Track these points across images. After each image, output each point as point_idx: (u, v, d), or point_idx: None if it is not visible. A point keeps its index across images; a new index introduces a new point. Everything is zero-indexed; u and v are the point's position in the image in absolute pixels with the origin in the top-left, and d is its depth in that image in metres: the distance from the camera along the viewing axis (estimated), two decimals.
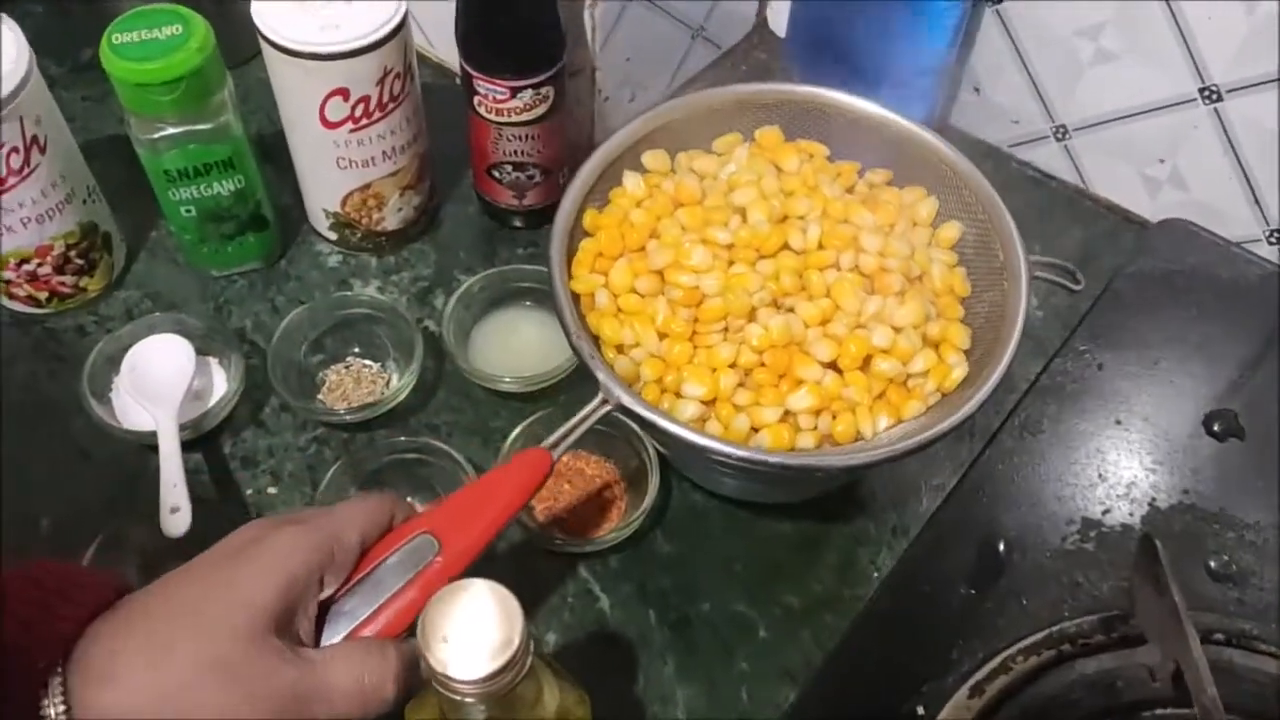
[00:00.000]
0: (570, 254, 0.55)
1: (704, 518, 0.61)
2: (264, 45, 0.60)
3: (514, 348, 0.66)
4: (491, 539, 0.47)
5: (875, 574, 0.58)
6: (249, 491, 0.62)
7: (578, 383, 0.63)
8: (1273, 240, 0.68)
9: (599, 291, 0.54)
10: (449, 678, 0.36)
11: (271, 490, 0.62)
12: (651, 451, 0.59)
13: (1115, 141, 0.71)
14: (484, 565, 0.52)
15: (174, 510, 0.54)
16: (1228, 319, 0.63)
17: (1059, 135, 0.73)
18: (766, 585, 0.58)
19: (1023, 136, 0.76)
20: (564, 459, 0.61)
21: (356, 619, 0.45)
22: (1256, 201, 0.67)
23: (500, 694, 0.37)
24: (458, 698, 0.37)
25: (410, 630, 0.44)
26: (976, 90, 0.76)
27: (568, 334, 0.52)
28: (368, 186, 0.66)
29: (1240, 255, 0.67)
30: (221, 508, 0.59)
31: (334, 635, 0.45)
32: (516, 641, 0.37)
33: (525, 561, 0.59)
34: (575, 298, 0.54)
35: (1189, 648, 0.43)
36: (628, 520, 0.58)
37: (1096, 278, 0.68)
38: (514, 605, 0.37)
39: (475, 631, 0.37)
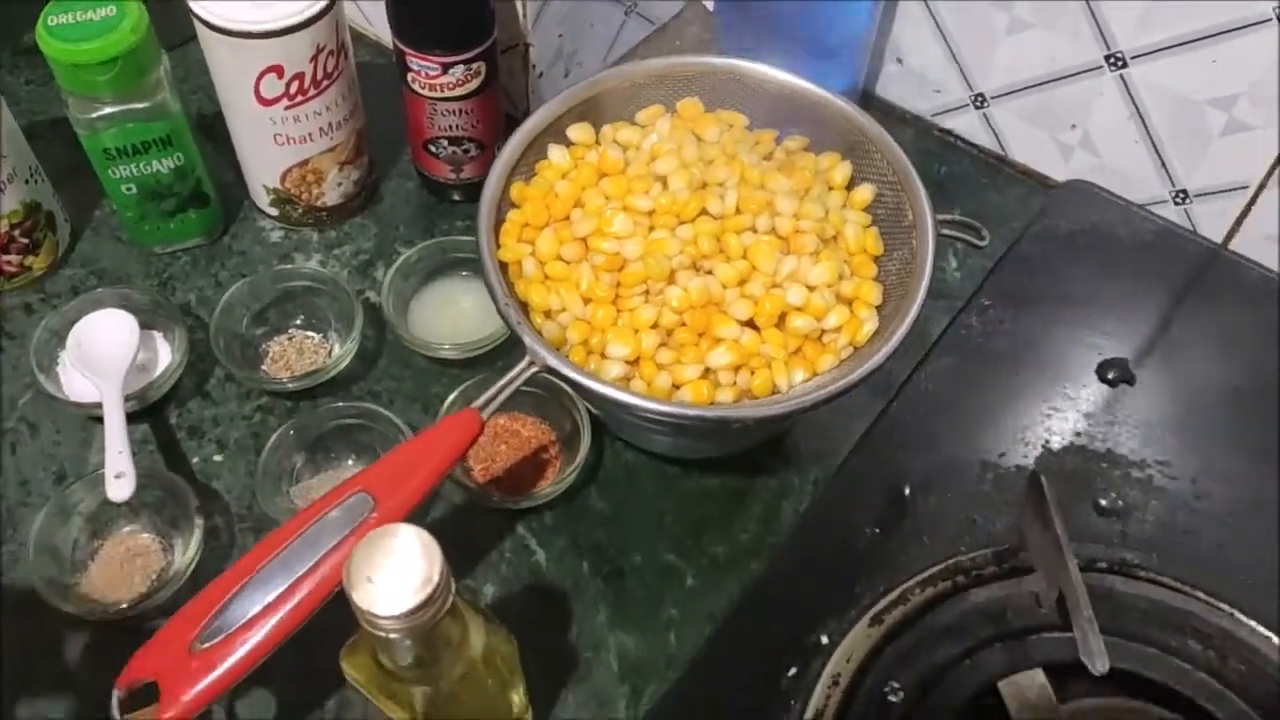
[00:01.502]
0: (498, 225, 0.57)
1: (635, 475, 0.63)
2: (198, 25, 0.62)
3: (451, 316, 0.68)
4: (425, 495, 0.50)
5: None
6: (195, 460, 0.64)
7: (513, 349, 0.65)
8: (1178, 200, 0.71)
9: (526, 260, 0.56)
10: (375, 615, 0.39)
11: (217, 458, 0.64)
12: (584, 413, 0.62)
13: (1030, 109, 0.74)
14: (425, 522, 0.55)
15: (118, 476, 0.56)
16: (1124, 274, 0.66)
17: (978, 103, 0.76)
18: (694, 537, 0.61)
19: (944, 105, 0.78)
20: (500, 422, 0.64)
21: (294, 574, 0.48)
22: (1163, 165, 0.70)
23: (424, 629, 0.40)
24: (384, 634, 0.40)
25: None
26: (899, 61, 0.78)
27: (495, 301, 0.54)
28: (306, 162, 0.68)
29: (1138, 214, 0.70)
30: (169, 476, 0.61)
31: (271, 591, 0.47)
32: (436, 579, 0.39)
33: (465, 520, 0.62)
34: (503, 266, 0.56)
35: (1069, 575, 0.46)
36: (561, 477, 0.61)
37: (1010, 239, 0.71)
38: (434, 546, 0.40)
39: (397, 571, 0.39)
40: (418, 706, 0.44)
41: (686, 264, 0.55)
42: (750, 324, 0.55)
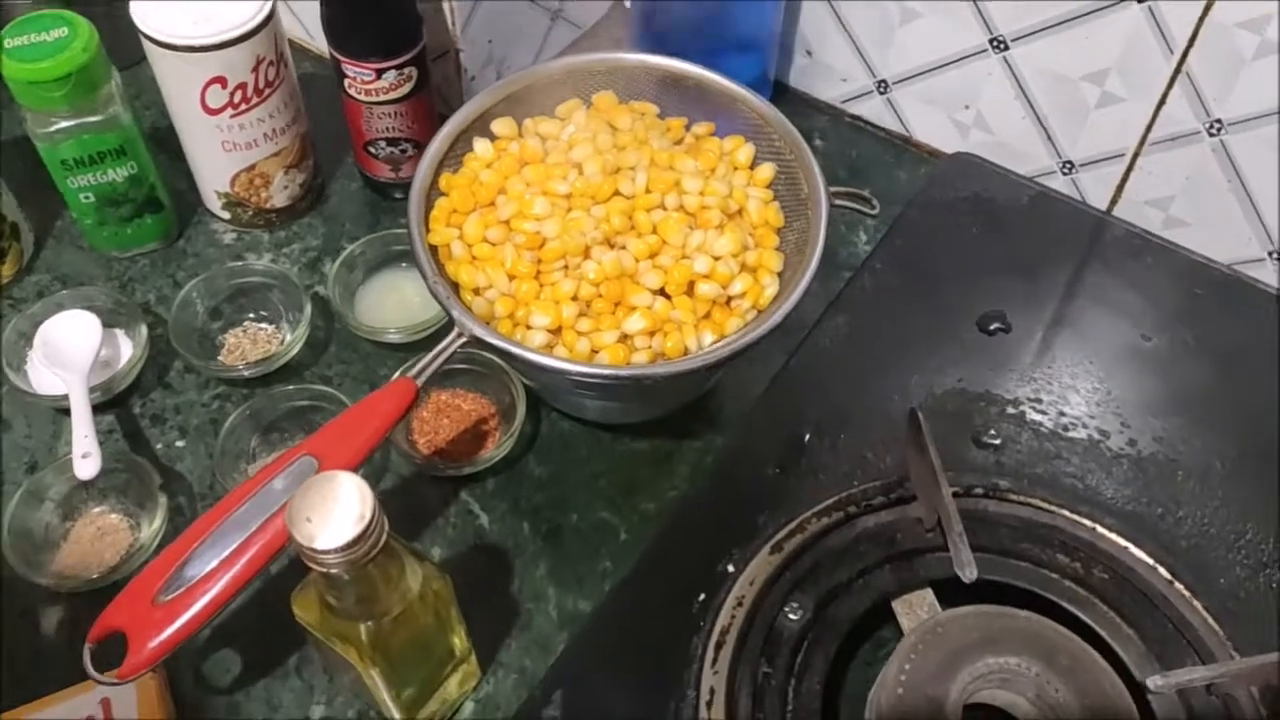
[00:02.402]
0: (428, 212, 0.62)
1: (571, 442, 0.68)
2: (145, 42, 0.67)
3: (395, 304, 0.73)
4: (365, 454, 0.54)
5: None
6: (159, 446, 0.68)
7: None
8: (1065, 171, 0.77)
9: (454, 243, 0.61)
10: (314, 550, 0.43)
11: (179, 444, 0.68)
12: (519, 386, 0.67)
13: (928, 92, 0.79)
14: (375, 491, 0.60)
15: (85, 456, 0.60)
16: (1001, 236, 0.71)
17: (881, 89, 0.82)
18: (627, 495, 0.66)
19: (851, 93, 0.84)
20: (442, 397, 0.69)
21: (248, 530, 0.52)
22: (1049, 138, 0.76)
23: (360, 564, 0.45)
24: (325, 570, 0.44)
25: None
26: (809, 53, 0.84)
27: (426, 279, 0.59)
28: (253, 167, 0.73)
29: (1016, 182, 0.76)
30: (134, 459, 0.65)
31: (227, 547, 0.52)
32: (369, 515, 0.44)
33: (412, 490, 0.66)
34: (433, 250, 0.61)
35: (943, 497, 0.52)
36: (500, 444, 0.65)
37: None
38: (366, 488, 0.44)
39: (333, 509, 0.44)
40: (364, 639, 0.48)
41: (601, 240, 0.60)
42: (662, 292, 0.60)
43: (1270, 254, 0.72)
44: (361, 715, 0.59)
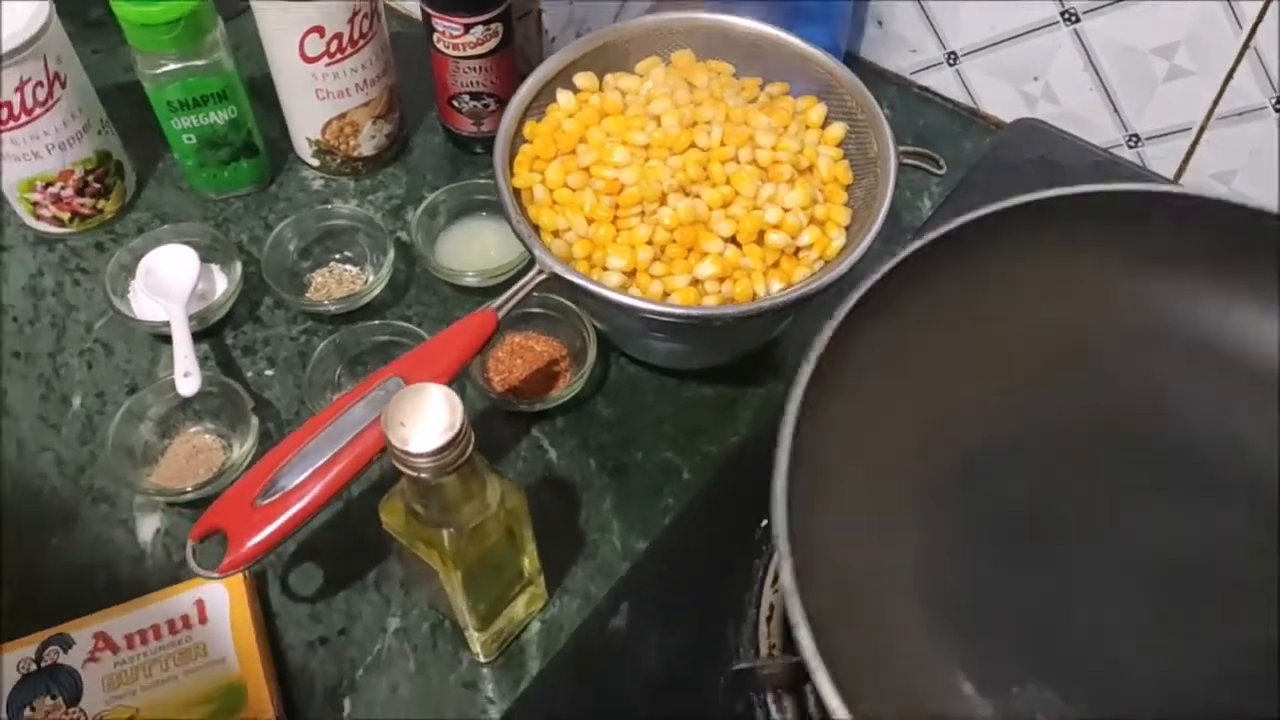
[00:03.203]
0: (513, 158, 0.66)
1: (638, 385, 0.71)
2: None
3: (475, 250, 0.76)
4: (450, 376, 0.58)
5: None
6: (249, 374, 0.72)
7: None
8: (1130, 144, 0.78)
9: (536, 187, 0.64)
10: (406, 453, 0.47)
11: (269, 373, 0.72)
12: (591, 331, 0.70)
13: (996, 63, 0.81)
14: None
15: (186, 375, 0.64)
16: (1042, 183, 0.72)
17: (950, 61, 0.84)
18: (691, 438, 0.69)
19: (920, 64, 0.86)
20: (516, 339, 0.72)
21: (339, 443, 0.56)
22: (1115, 110, 0.78)
23: (448, 469, 0.48)
24: (414, 473, 0.48)
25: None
26: (880, 24, 0.86)
27: (509, 220, 0.62)
28: (344, 115, 0.77)
29: (1082, 147, 0.76)
30: (227, 382, 0.69)
31: (320, 458, 0.56)
32: (458, 425, 0.47)
33: (486, 423, 0.70)
34: (516, 193, 0.64)
35: None
36: (571, 384, 0.69)
37: None
38: (456, 400, 0.48)
39: (426, 417, 0.47)
40: (446, 545, 0.52)
41: (676, 188, 0.63)
42: (733, 241, 0.63)
43: None
44: (435, 628, 0.62)
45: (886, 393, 0.49)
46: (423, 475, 0.48)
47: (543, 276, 0.60)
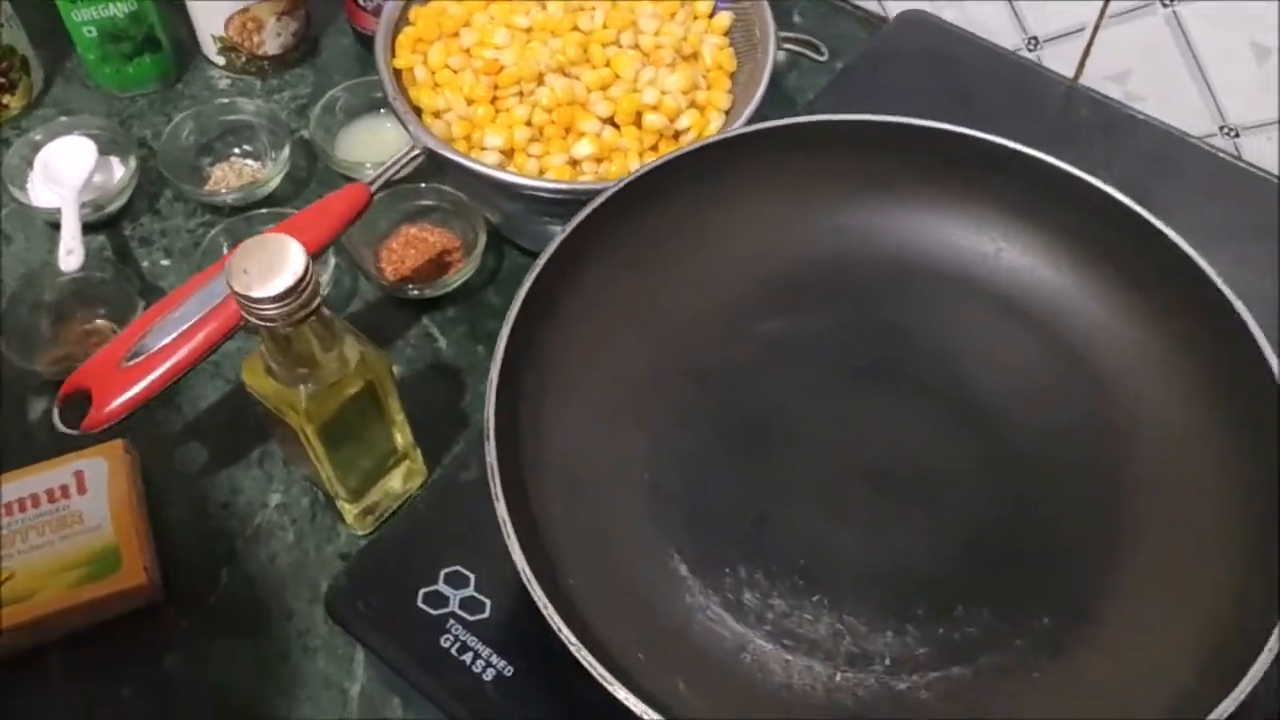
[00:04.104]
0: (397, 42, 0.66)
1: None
2: None
3: (374, 146, 0.77)
4: (321, 245, 0.59)
5: None
6: (145, 264, 0.73)
7: (427, 171, 0.74)
8: (1030, 48, 0.79)
9: (418, 68, 0.65)
10: (249, 298, 0.47)
11: (164, 262, 0.73)
12: (483, 222, 0.70)
13: None
14: (344, 314, 0.65)
15: (69, 252, 0.65)
16: (939, 82, 0.73)
17: None
18: None
19: None
20: (410, 231, 0.72)
21: (206, 308, 0.57)
22: (1015, 14, 0.78)
23: (296, 318, 0.48)
24: (261, 322, 0.48)
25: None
26: None
27: (387, 97, 0.63)
28: (246, 10, 0.77)
29: (967, 38, 0.76)
30: (121, 268, 0.70)
31: (186, 322, 0.56)
32: (302, 270, 0.47)
33: (378, 313, 0.70)
34: (398, 74, 0.65)
35: None
36: (461, 271, 0.69)
37: None
38: (299, 248, 0.48)
39: (269, 264, 0.47)
40: (301, 402, 0.52)
41: (555, 69, 0.63)
42: (611, 122, 0.63)
43: (1220, 128, 0.74)
44: (315, 504, 0.63)
45: (626, 303, 0.52)
46: (269, 325, 0.49)
47: (417, 153, 0.61)
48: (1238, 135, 0.74)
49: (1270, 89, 0.70)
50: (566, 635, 0.39)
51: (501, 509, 0.41)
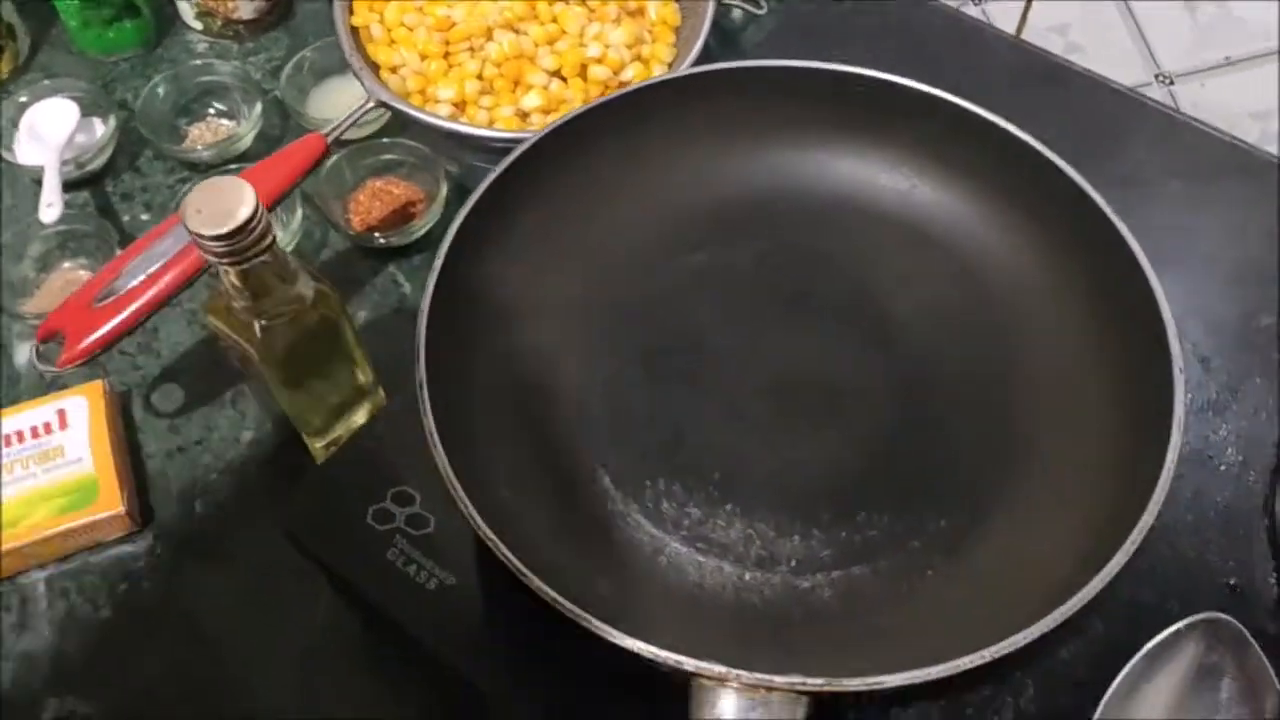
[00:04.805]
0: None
1: None
2: None
3: (345, 105, 0.79)
4: (279, 193, 0.62)
5: None
6: (126, 219, 0.76)
7: (393, 127, 0.77)
8: (976, 1, 0.81)
9: (374, 25, 0.68)
10: (202, 236, 0.51)
11: (144, 217, 0.77)
12: (444, 174, 0.74)
13: None
14: (315, 263, 0.68)
15: (49, 205, 0.69)
16: (884, 38, 0.76)
17: None
18: None
19: None
20: (376, 184, 0.76)
21: (172, 252, 0.60)
22: None
23: (248, 254, 0.52)
24: (216, 259, 0.52)
25: None
26: None
27: (344, 53, 0.66)
28: None
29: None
30: (101, 222, 0.74)
31: (154, 264, 0.60)
32: (249, 211, 0.51)
33: (346, 263, 0.74)
34: (355, 31, 0.68)
35: None
36: (425, 220, 0.73)
37: None
38: (250, 188, 0.52)
39: (220, 203, 0.51)
40: (258, 335, 0.56)
41: (503, 24, 0.67)
42: (558, 76, 0.67)
43: (1157, 76, 0.76)
44: (284, 440, 0.67)
45: (558, 240, 0.56)
46: (223, 262, 0.52)
47: (371, 105, 0.64)
48: (1172, 83, 0.76)
49: (1201, 38, 0.73)
50: (485, 533, 0.43)
51: (429, 422, 0.45)
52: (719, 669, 0.40)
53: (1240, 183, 0.65)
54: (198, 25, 0.84)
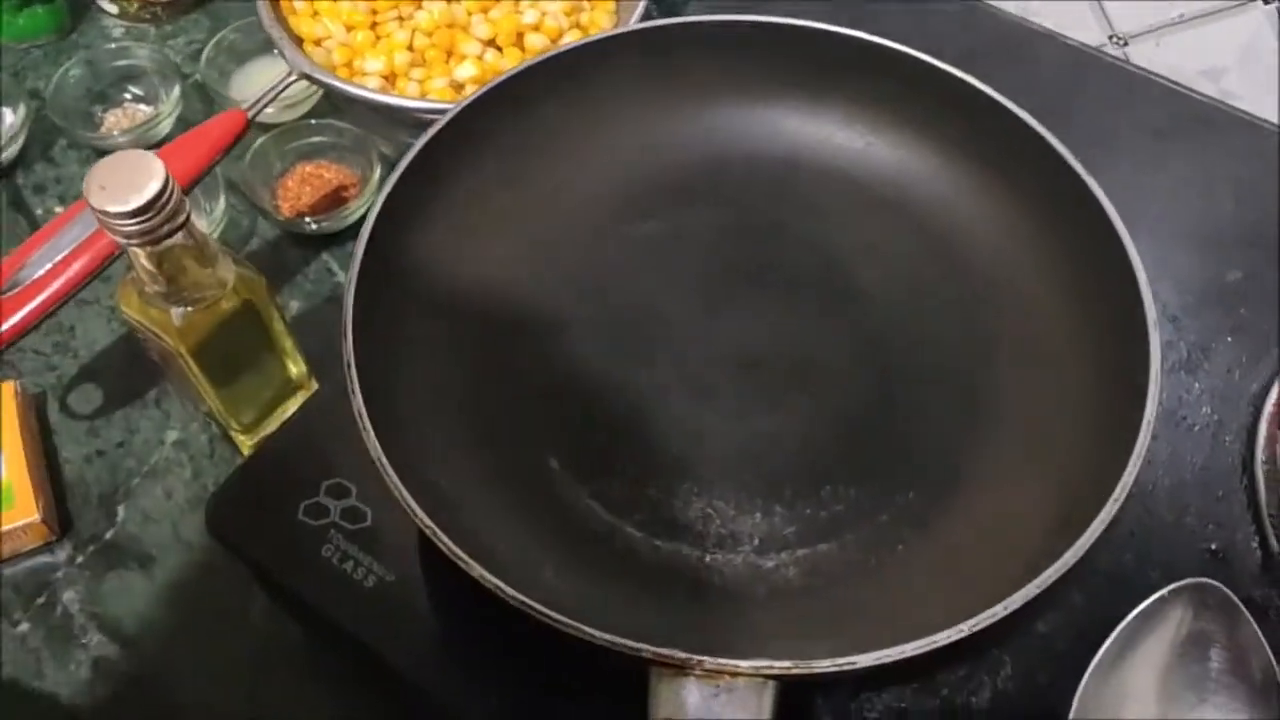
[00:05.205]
0: None
1: None
2: None
3: (268, 85, 0.76)
4: (199, 171, 0.58)
5: None
6: (39, 211, 0.72)
7: (322, 108, 0.74)
8: None
9: None
10: (107, 213, 0.47)
11: (58, 209, 0.72)
12: (378, 156, 0.70)
13: None
14: (244, 253, 0.64)
15: None
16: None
17: None
18: None
19: None
20: (306, 169, 0.72)
21: (79, 238, 0.56)
22: None
23: (159, 234, 0.48)
24: (123, 239, 0.48)
25: None
26: None
27: (262, 23, 0.62)
28: None
29: None
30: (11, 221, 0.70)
31: (61, 252, 0.56)
32: (159, 184, 0.47)
33: (278, 251, 0.70)
34: (276, 3, 0.64)
35: None
36: (357, 206, 0.69)
37: None
38: (159, 163, 0.48)
39: (125, 178, 0.47)
40: (175, 324, 0.52)
41: None
42: (494, 45, 0.63)
43: (1110, 38, 0.75)
44: (214, 439, 0.63)
45: (497, 211, 0.53)
46: (134, 243, 0.48)
47: (293, 77, 0.60)
48: (1126, 44, 0.74)
49: None
50: (421, 518, 0.40)
51: (357, 401, 0.42)
52: (680, 655, 0.36)
53: (1201, 138, 0.63)
54: (113, 9, 0.80)
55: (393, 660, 0.47)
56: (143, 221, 0.47)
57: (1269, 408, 0.53)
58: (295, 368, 0.60)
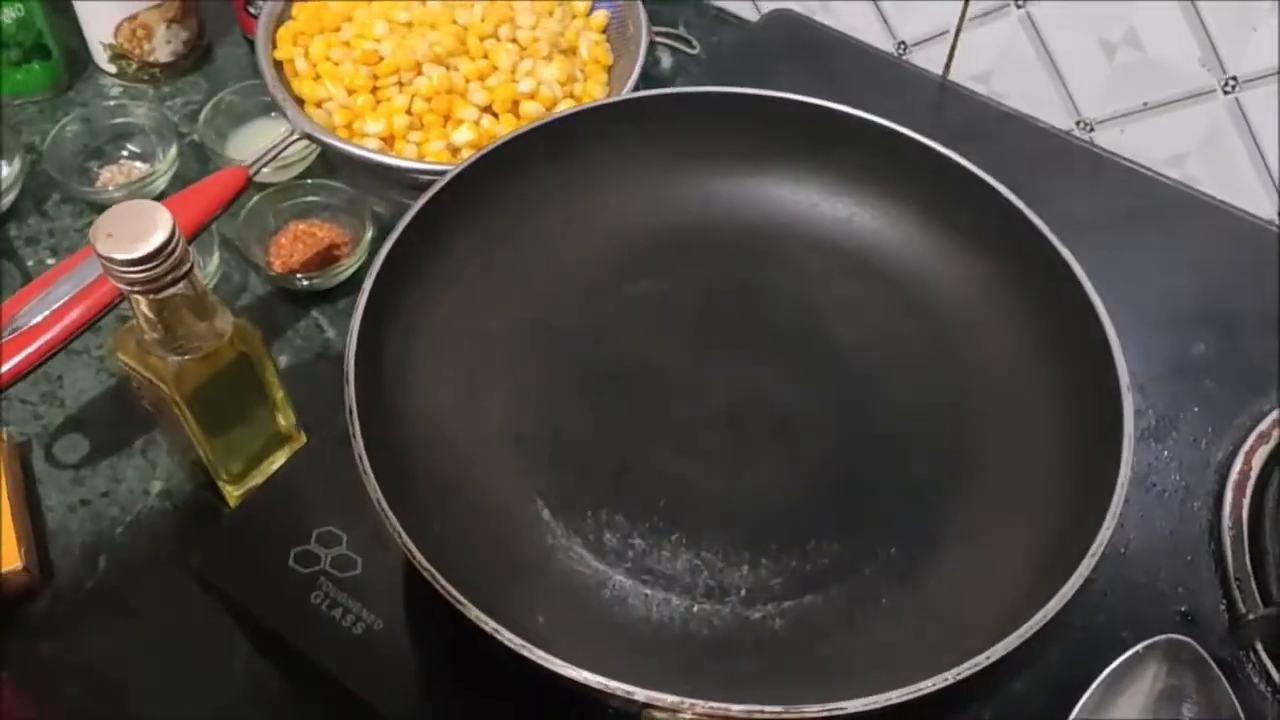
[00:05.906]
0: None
1: None
2: None
3: (266, 147, 0.78)
4: (197, 225, 0.59)
5: None
6: (30, 263, 0.73)
7: (317, 169, 0.75)
8: (900, 52, 0.83)
9: (299, 60, 0.67)
10: (113, 260, 0.48)
11: (50, 261, 0.73)
12: (370, 215, 0.72)
13: None
14: (234, 307, 0.65)
15: None
16: (810, 74, 0.76)
17: None
18: None
19: None
20: (299, 227, 0.73)
21: (78, 286, 0.57)
22: (883, 18, 0.82)
23: (162, 282, 0.49)
24: (127, 286, 0.49)
25: None
26: None
27: (267, 85, 0.64)
28: (135, 17, 0.78)
29: (835, 35, 0.80)
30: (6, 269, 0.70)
31: (58, 301, 0.57)
32: (165, 234, 0.48)
33: (268, 307, 0.71)
34: (279, 65, 0.66)
35: None
36: (348, 264, 0.70)
37: None
38: (166, 213, 0.49)
39: (134, 228, 0.48)
40: (170, 371, 0.53)
41: (433, 58, 0.66)
42: (490, 111, 0.66)
43: (1078, 123, 0.78)
44: (199, 489, 0.63)
45: (492, 269, 0.55)
46: (135, 290, 0.49)
47: (295, 136, 0.62)
48: (1092, 129, 0.78)
49: (1119, 83, 0.75)
50: (420, 561, 0.40)
51: (359, 445, 0.43)
52: (671, 699, 0.37)
53: (1167, 219, 0.66)
54: (111, 69, 0.82)
55: (379, 707, 0.47)
56: (147, 270, 0.48)
57: (1234, 476, 0.55)
58: (285, 420, 0.61)
